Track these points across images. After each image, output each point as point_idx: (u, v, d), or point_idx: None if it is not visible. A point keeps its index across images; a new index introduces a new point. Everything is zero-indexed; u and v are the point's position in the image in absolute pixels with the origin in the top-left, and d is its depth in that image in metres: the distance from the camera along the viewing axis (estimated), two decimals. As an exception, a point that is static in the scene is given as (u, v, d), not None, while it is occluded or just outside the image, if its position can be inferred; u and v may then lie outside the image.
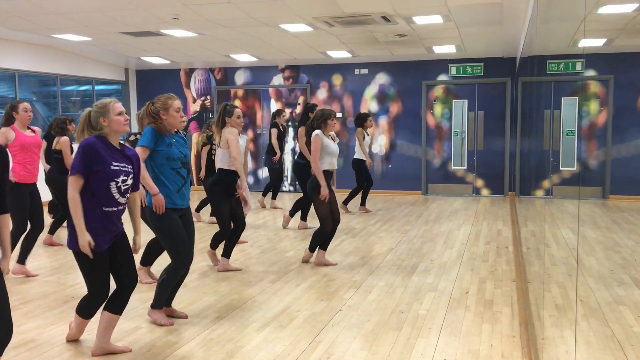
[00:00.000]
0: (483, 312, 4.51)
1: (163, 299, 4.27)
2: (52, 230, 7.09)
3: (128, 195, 3.59)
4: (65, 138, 6.89)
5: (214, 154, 7.74)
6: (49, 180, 7.06)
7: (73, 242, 3.45)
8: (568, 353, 3.55)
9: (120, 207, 3.56)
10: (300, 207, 8.10)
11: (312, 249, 6.09)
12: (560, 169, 10.72)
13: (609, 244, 6.81)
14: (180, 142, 4.25)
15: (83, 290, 5.12)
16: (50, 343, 3.94)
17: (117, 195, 3.48)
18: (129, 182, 3.55)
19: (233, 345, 3.88)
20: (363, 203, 9.64)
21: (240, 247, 6.97)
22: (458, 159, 12.03)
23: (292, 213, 8.19)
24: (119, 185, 3.47)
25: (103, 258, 3.52)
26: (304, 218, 8.16)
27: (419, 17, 8.19)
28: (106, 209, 3.46)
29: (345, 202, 9.43)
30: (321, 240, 5.99)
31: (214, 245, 5.93)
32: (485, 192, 11.93)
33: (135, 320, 4.38)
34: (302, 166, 7.82)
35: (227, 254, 5.82)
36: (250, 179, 13.00)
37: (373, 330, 4.14)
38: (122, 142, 3.63)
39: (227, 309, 4.66)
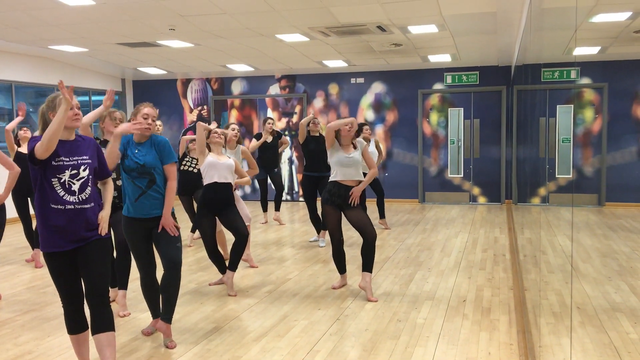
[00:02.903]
0: (480, 320, 4.51)
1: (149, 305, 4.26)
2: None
3: (85, 192, 3.24)
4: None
5: (187, 167, 7.62)
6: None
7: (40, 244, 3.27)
8: (565, 360, 3.55)
9: (73, 207, 3.20)
10: (317, 221, 7.76)
11: (341, 270, 5.58)
12: (556, 176, 10.76)
13: (605, 251, 6.83)
14: (145, 152, 3.99)
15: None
16: (47, 355, 3.93)
17: (62, 193, 3.17)
18: (83, 174, 3.23)
19: (230, 355, 3.87)
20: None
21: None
22: (454, 167, 12.06)
23: (318, 228, 7.84)
24: (63, 181, 3.17)
25: (58, 259, 3.24)
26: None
27: (414, 26, 8.24)
28: (54, 206, 3.17)
29: (381, 217, 8.98)
30: (335, 257, 5.48)
31: (221, 269, 5.55)
32: (481, 199, 11.95)
33: (132, 332, 4.37)
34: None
35: (232, 266, 5.41)
36: (247, 189, 13.01)
37: (371, 339, 4.14)
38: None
39: (225, 319, 4.65)
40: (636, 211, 10.30)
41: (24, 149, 6.72)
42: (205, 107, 13.26)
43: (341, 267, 5.52)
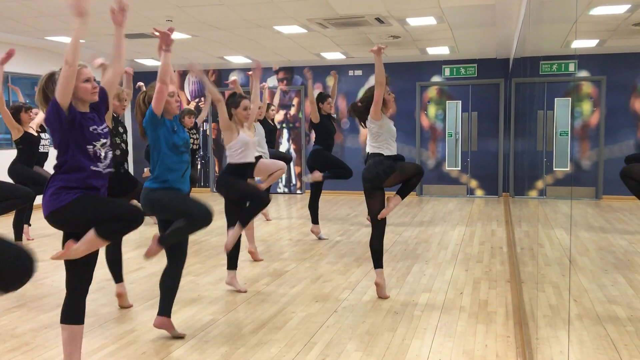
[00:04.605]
0: (477, 313, 4.52)
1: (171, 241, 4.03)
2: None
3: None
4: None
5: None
6: (11, 172, 6.83)
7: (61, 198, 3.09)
8: (562, 353, 3.56)
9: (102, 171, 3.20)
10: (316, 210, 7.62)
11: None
12: (554, 169, 10.78)
13: (602, 244, 6.85)
14: (180, 127, 4.12)
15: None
16: (44, 346, 3.93)
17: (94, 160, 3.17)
18: (105, 141, 3.23)
19: (228, 347, 3.88)
20: None
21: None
22: (452, 159, 12.06)
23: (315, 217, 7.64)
24: (96, 149, 3.15)
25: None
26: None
27: (412, 18, 8.21)
28: (94, 168, 3.15)
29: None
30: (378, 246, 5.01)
31: (246, 220, 5.19)
32: (479, 192, 11.96)
33: (130, 323, 4.37)
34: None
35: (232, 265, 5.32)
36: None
37: (368, 331, 4.15)
38: None
39: (222, 311, 4.65)
40: (633, 204, 10.32)
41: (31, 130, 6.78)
42: (202, 99, 13.22)
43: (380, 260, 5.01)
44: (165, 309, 4.02)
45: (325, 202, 7.80)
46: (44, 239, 7.62)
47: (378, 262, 4.93)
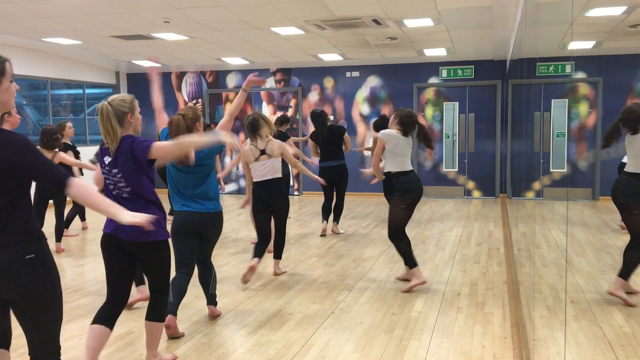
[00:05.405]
0: (475, 314, 4.52)
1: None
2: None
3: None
4: (61, 155, 6.47)
5: None
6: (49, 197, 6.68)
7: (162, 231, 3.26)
8: (559, 354, 3.57)
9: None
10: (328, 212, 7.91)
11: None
12: (551, 170, 10.80)
13: (599, 245, 6.86)
14: None
15: (76, 294, 5.11)
16: (41, 348, 3.91)
17: None
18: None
19: (225, 349, 3.88)
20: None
21: (231, 250, 6.95)
22: (449, 161, 12.07)
23: (327, 218, 7.89)
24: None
25: None
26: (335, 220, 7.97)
27: (409, 20, 8.22)
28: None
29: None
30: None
31: (260, 254, 5.54)
32: (476, 194, 11.97)
33: (127, 325, 4.37)
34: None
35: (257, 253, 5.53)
36: (234, 186, 12.99)
37: (366, 332, 4.15)
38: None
39: (219, 312, 4.65)
40: (630, 205, 10.33)
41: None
42: (199, 100, 13.22)
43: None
44: (171, 307, 4.00)
45: (321, 204, 7.84)
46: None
47: (411, 262, 5.29)
